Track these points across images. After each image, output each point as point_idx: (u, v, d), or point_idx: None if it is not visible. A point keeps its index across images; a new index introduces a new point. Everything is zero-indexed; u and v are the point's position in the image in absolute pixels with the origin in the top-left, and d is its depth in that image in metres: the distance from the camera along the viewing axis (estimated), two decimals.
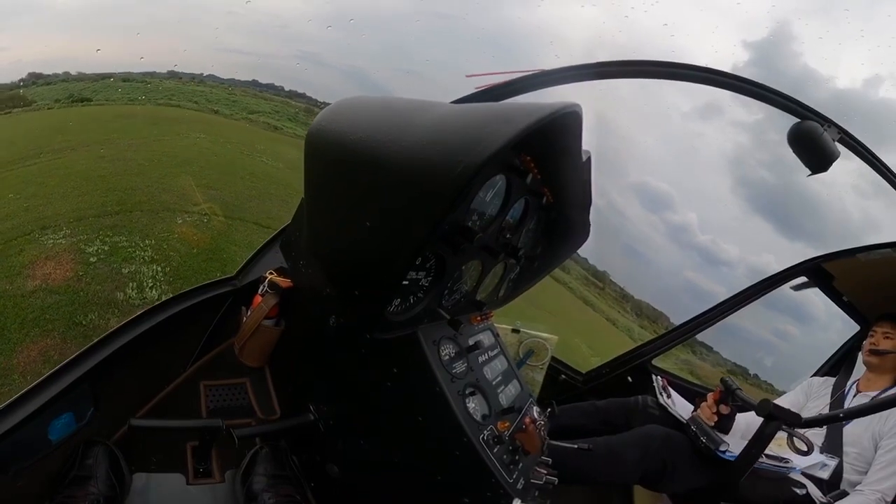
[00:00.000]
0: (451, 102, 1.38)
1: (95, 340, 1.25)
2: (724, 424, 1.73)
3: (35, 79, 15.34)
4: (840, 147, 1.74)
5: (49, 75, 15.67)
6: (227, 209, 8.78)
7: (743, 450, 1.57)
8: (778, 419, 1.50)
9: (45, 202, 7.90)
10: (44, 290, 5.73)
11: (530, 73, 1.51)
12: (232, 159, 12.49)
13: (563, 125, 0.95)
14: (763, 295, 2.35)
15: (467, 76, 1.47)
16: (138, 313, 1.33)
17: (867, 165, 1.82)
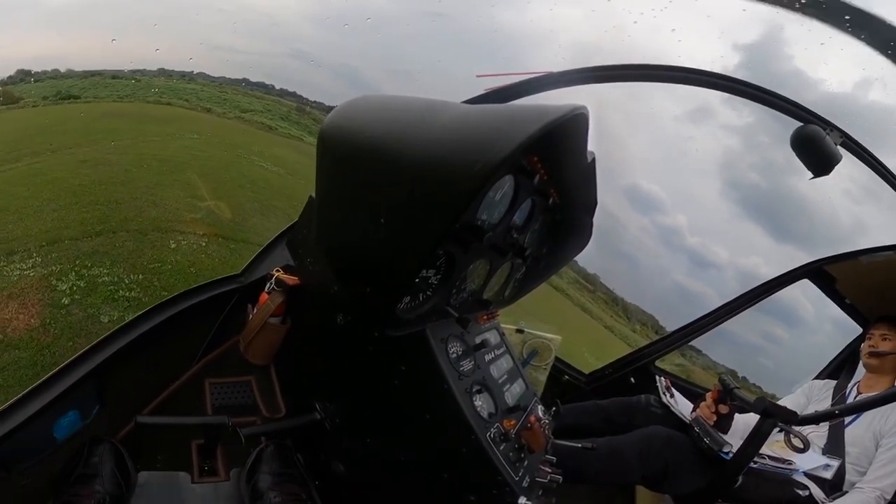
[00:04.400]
0: (463, 102, 1.39)
1: (101, 338, 1.25)
2: (723, 424, 1.73)
3: (24, 76, 14.54)
4: (842, 150, 1.75)
5: (38, 72, 14.89)
6: (227, 228, 7.37)
7: (739, 447, 1.58)
8: (774, 416, 1.50)
9: (15, 218, 6.44)
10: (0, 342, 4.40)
11: (538, 74, 1.52)
12: (228, 164, 10.96)
13: (572, 127, 0.96)
14: (767, 296, 2.36)
15: (477, 76, 1.48)
16: (143, 311, 1.33)
17: (870, 169, 1.83)
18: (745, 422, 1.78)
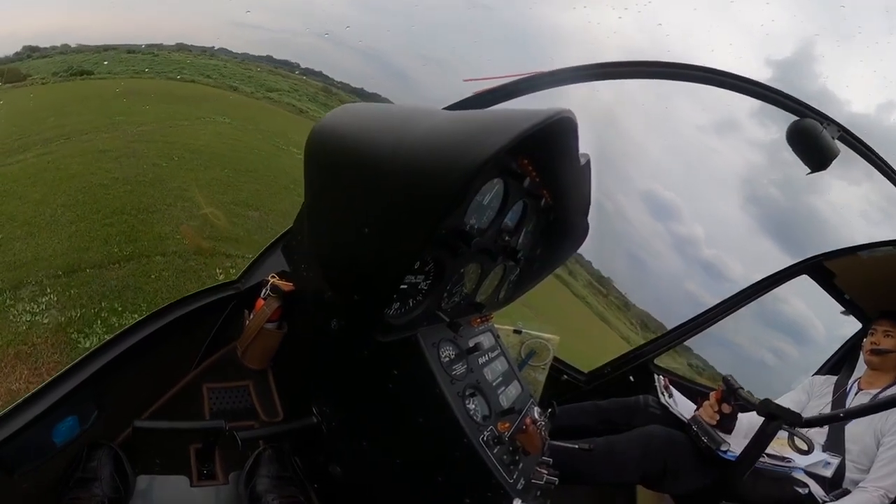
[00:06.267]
0: (445, 108, 1.39)
1: (99, 344, 1.27)
2: (726, 424, 1.73)
3: (31, 52, 13.36)
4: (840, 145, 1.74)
5: (46, 48, 13.70)
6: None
7: (744, 449, 1.57)
8: (779, 419, 1.50)
9: (24, 233, 5.07)
10: None
11: (527, 76, 1.52)
12: (268, 157, 9.17)
13: (558, 130, 0.96)
14: (765, 293, 2.35)
15: (465, 80, 1.48)
16: (142, 318, 1.35)
17: (868, 164, 1.81)
18: (748, 421, 1.78)
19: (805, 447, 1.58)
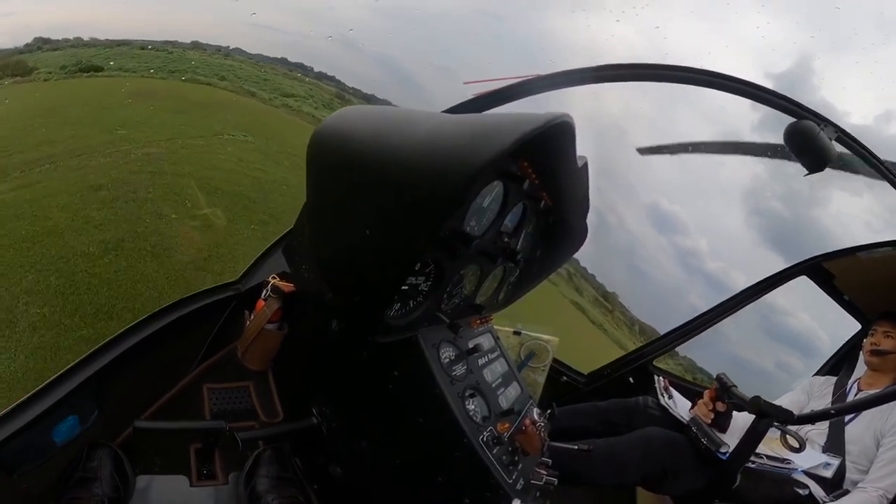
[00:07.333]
0: (444, 111, 1.40)
1: (100, 344, 1.27)
2: (721, 422, 1.73)
3: (42, 44, 12.61)
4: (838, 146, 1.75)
5: (58, 40, 12.79)
6: None
7: (735, 447, 1.57)
8: (770, 416, 1.50)
9: None
10: None
11: (526, 79, 1.53)
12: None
13: (558, 134, 0.97)
14: (765, 294, 2.35)
15: (465, 83, 1.49)
16: (143, 317, 1.35)
17: (866, 164, 1.82)
18: (745, 420, 1.78)
19: (797, 444, 1.58)
